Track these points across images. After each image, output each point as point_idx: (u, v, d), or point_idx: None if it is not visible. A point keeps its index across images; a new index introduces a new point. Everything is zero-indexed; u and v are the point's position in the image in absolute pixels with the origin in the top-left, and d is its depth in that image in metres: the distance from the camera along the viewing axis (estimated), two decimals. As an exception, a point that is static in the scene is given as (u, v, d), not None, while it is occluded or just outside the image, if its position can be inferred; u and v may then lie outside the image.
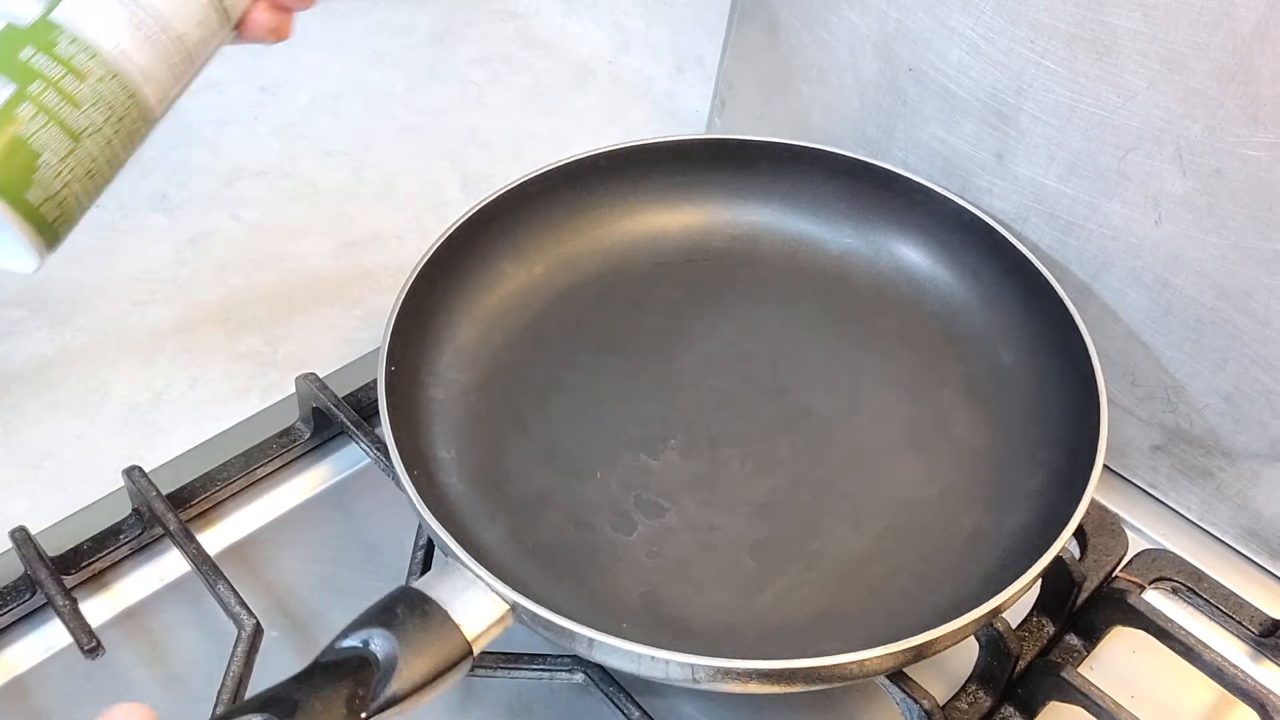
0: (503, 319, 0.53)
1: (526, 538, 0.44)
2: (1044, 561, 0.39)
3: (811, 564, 0.44)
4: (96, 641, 0.42)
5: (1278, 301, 0.45)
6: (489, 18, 0.88)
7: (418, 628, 0.36)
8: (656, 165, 0.56)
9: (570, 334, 0.53)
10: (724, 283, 0.56)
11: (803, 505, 0.47)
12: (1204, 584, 0.48)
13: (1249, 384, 0.47)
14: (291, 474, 0.52)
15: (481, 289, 0.53)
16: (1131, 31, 0.45)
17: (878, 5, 0.54)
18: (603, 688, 0.42)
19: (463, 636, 0.36)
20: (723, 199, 0.58)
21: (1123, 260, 0.49)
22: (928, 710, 0.40)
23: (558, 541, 0.45)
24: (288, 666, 0.45)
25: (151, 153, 0.71)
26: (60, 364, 0.58)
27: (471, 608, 0.37)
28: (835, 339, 0.53)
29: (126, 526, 0.48)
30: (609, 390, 0.51)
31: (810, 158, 0.56)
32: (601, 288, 0.55)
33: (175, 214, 0.67)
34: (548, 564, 0.44)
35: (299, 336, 0.60)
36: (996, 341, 0.52)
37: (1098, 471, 0.42)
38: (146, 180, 0.70)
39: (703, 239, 0.57)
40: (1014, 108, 0.51)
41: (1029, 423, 0.49)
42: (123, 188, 0.69)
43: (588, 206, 0.56)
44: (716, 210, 0.58)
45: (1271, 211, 0.44)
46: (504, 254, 0.54)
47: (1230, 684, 0.42)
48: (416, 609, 0.36)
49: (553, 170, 0.54)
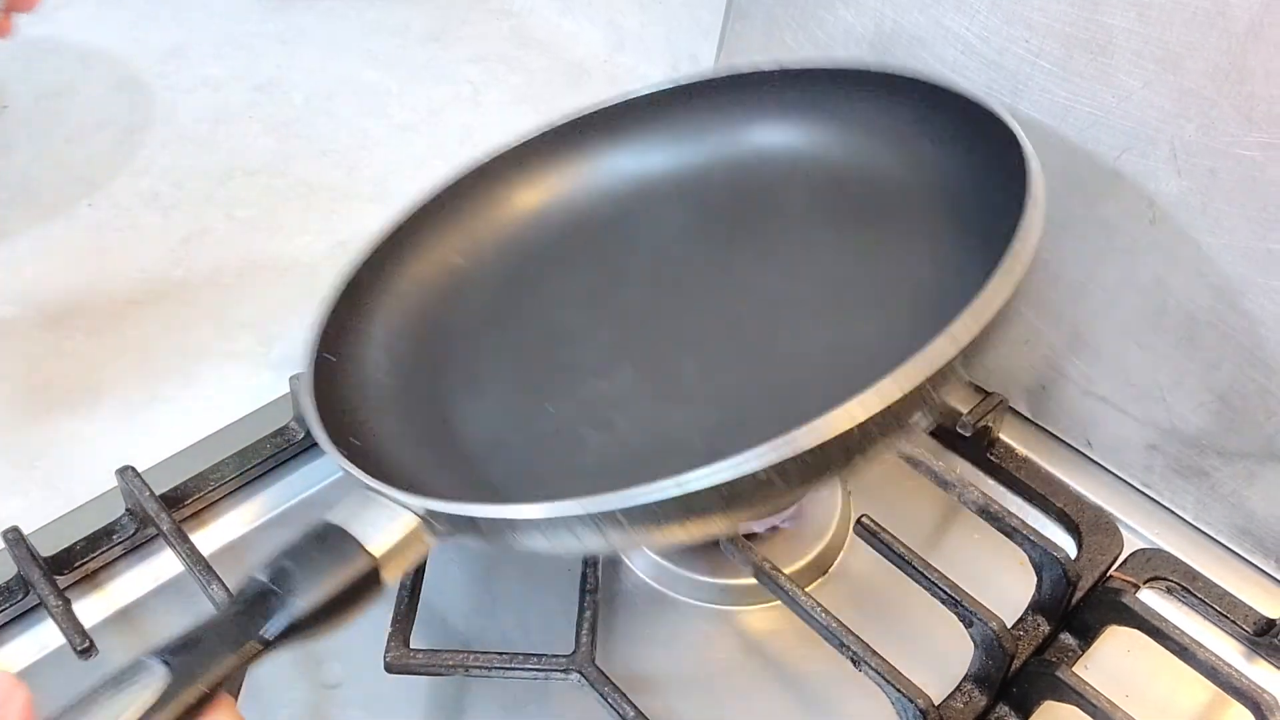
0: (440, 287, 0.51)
1: (477, 477, 0.43)
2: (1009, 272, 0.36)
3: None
4: (90, 642, 0.42)
5: (1272, 301, 0.45)
6: (484, 17, 0.88)
7: (316, 549, 0.35)
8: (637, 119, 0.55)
9: (517, 280, 0.52)
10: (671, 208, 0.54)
11: (755, 387, 0.44)
12: (1199, 583, 0.48)
13: (1243, 383, 0.47)
14: (285, 474, 0.52)
15: (423, 258, 0.51)
16: (1126, 31, 0.45)
17: (873, 4, 0.54)
18: (598, 688, 0.42)
19: (364, 551, 0.35)
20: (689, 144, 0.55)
21: (1117, 260, 0.49)
22: (923, 709, 0.40)
23: (507, 474, 0.43)
24: (280, 668, 0.45)
25: (145, 152, 0.72)
26: (53, 363, 0.58)
27: (373, 524, 0.36)
28: (782, 234, 0.51)
29: (120, 527, 0.48)
30: (560, 327, 0.50)
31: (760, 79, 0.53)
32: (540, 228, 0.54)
33: (169, 213, 0.67)
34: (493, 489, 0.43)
35: (293, 336, 0.60)
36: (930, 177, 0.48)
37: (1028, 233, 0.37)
38: (140, 179, 0.69)
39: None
40: (1009, 107, 0.50)
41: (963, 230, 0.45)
42: (116, 187, 0.69)
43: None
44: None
45: (1265, 211, 0.44)
46: (452, 236, 0.52)
47: (1225, 683, 0.42)
48: (318, 536, 0.36)
49: None
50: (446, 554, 0.45)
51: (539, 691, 0.44)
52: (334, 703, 0.44)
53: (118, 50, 0.80)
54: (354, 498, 0.37)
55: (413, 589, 0.44)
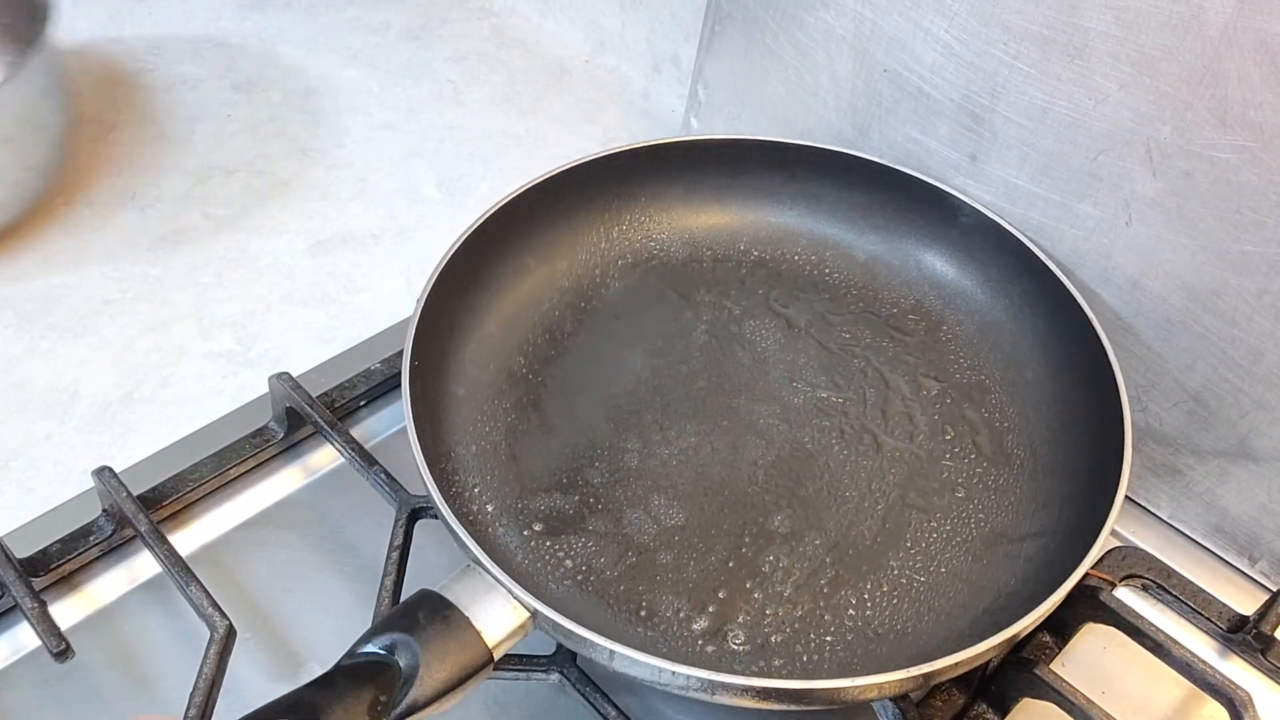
0: (523, 314, 0.52)
1: (544, 540, 0.44)
2: (1063, 591, 0.39)
3: (828, 584, 0.44)
4: (66, 644, 0.41)
5: (1245, 302, 0.46)
6: (465, 16, 0.87)
7: (440, 634, 0.35)
8: (693, 164, 0.56)
9: (595, 330, 0.53)
10: (752, 283, 0.56)
11: (816, 522, 0.46)
12: (1173, 581, 0.49)
13: (1217, 383, 0.48)
14: (264, 474, 0.52)
15: (505, 285, 0.52)
16: (1103, 34, 0.46)
17: (853, 6, 0.54)
18: (579, 688, 0.42)
19: (484, 644, 0.36)
20: (754, 201, 0.57)
21: (1094, 261, 0.50)
22: (902, 708, 0.40)
23: (578, 548, 0.44)
24: (261, 668, 0.44)
25: (123, 150, 0.71)
26: (29, 362, 0.57)
27: (493, 614, 0.36)
28: (862, 347, 0.53)
29: (96, 528, 0.47)
30: (628, 386, 0.50)
31: (841, 163, 0.56)
32: (628, 285, 0.55)
33: (146, 212, 0.67)
34: (565, 569, 0.44)
35: (272, 335, 0.60)
36: (1021, 357, 0.52)
37: (1118, 506, 0.41)
38: (118, 178, 0.69)
39: (731, 239, 0.57)
40: (988, 109, 0.51)
41: (1050, 447, 0.49)
42: (94, 185, 0.68)
43: (622, 201, 0.56)
44: (744, 212, 0.58)
45: (1239, 213, 0.44)
46: (528, 249, 0.53)
47: (1199, 680, 0.42)
48: (438, 614, 0.36)
49: (588, 163, 0.53)
50: (428, 552, 0.45)
51: (520, 691, 0.44)
52: (314, 704, 0.44)
53: (96, 48, 0.79)
54: (474, 580, 0.37)
55: (395, 588, 0.44)
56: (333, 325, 0.60)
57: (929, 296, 0.55)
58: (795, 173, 0.57)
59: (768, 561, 0.45)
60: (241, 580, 0.48)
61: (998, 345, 0.53)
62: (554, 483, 0.46)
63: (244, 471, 0.51)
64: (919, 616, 0.43)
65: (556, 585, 0.43)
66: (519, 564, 0.43)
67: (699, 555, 0.45)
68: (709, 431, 0.49)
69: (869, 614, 0.43)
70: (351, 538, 0.49)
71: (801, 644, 0.42)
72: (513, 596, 0.37)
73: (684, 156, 0.56)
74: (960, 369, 0.53)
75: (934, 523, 0.47)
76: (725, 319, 0.54)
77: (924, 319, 0.55)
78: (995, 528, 0.46)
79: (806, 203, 0.57)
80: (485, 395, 0.49)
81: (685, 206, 0.57)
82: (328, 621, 0.46)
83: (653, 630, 0.42)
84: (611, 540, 0.45)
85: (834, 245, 0.57)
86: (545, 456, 0.47)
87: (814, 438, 0.49)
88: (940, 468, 0.49)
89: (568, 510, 0.45)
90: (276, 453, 0.52)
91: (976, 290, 0.54)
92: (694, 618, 0.43)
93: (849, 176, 0.56)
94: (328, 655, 0.44)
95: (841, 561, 0.45)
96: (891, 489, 0.48)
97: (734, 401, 0.50)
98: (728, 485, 0.47)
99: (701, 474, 0.47)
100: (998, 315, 0.53)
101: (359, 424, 0.54)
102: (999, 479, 0.48)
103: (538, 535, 0.44)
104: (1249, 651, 0.47)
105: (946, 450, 0.49)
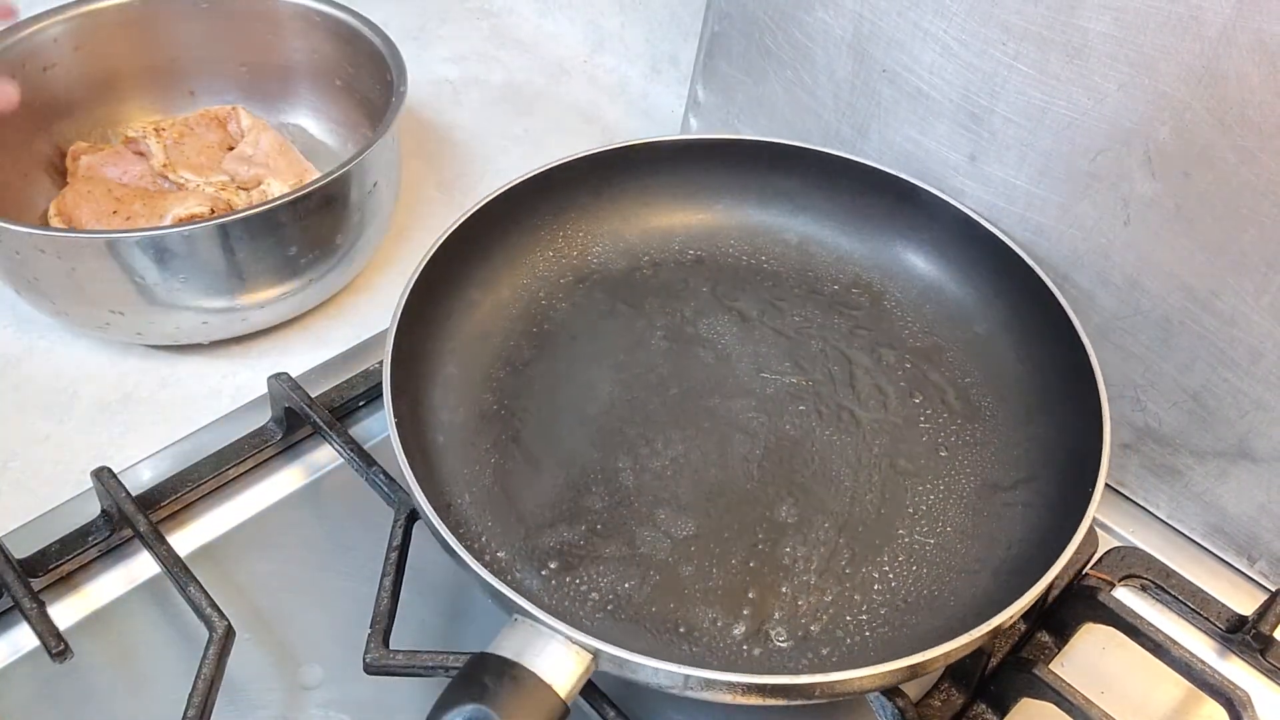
0: (478, 349, 0.51)
1: (563, 577, 0.44)
2: (1044, 582, 0.39)
3: (817, 577, 0.44)
4: (65, 645, 0.41)
5: (1243, 302, 0.46)
6: (464, 16, 0.87)
7: (512, 696, 0.35)
8: (612, 173, 0.56)
9: (554, 354, 0.52)
10: (695, 282, 0.56)
11: (820, 506, 0.46)
12: (1172, 581, 0.49)
13: (1216, 383, 0.48)
14: (263, 475, 0.52)
15: (455, 325, 0.51)
16: (1102, 35, 0.46)
17: (852, 7, 0.54)
18: (579, 692, 0.41)
19: (557, 696, 0.35)
20: (679, 201, 0.58)
21: (1092, 261, 0.50)
22: (901, 707, 0.40)
23: (598, 577, 0.44)
24: (260, 669, 0.44)
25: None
26: (27, 363, 0.57)
27: (556, 664, 0.36)
28: (816, 328, 0.54)
29: (95, 528, 0.47)
30: (602, 405, 0.50)
31: (752, 150, 0.57)
32: (576, 303, 0.54)
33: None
34: (593, 601, 0.43)
35: (272, 336, 0.60)
36: (968, 313, 0.54)
37: (1097, 497, 0.41)
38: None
39: (666, 242, 0.57)
40: (986, 109, 0.51)
41: (1015, 393, 0.50)
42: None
43: (553, 218, 0.56)
44: (673, 214, 0.58)
45: (1238, 213, 0.44)
46: (470, 283, 0.52)
47: (1198, 679, 0.42)
48: (505, 675, 0.35)
49: (512, 188, 0.53)
50: (425, 555, 0.45)
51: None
52: (313, 703, 0.44)
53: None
54: (527, 633, 0.37)
55: (393, 590, 0.44)
56: (332, 327, 0.60)
57: (866, 268, 0.56)
58: (711, 168, 0.57)
59: (785, 553, 0.45)
60: (240, 580, 0.48)
61: (941, 304, 0.54)
62: (556, 516, 0.46)
63: (243, 472, 0.51)
64: (941, 578, 0.44)
65: (590, 620, 0.42)
66: (553, 606, 0.42)
67: (719, 561, 0.44)
68: (694, 436, 0.49)
69: (894, 585, 0.44)
70: (350, 538, 0.49)
71: (841, 629, 0.42)
72: (572, 642, 0.37)
73: (604, 167, 0.56)
74: (912, 334, 0.54)
75: (927, 485, 0.47)
76: (679, 322, 0.54)
77: (865, 291, 0.55)
78: (985, 479, 0.47)
79: (731, 195, 0.58)
80: (464, 439, 0.48)
81: (615, 216, 0.57)
82: (326, 622, 0.46)
83: (697, 646, 0.42)
84: (629, 563, 0.44)
85: (764, 232, 0.58)
86: (540, 491, 0.47)
87: (795, 423, 0.50)
88: (919, 431, 0.49)
89: (577, 541, 0.45)
90: (275, 453, 0.52)
91: (911, 255, 0.56)
92: (732, 624, 0.42)
93: (771, 162, 0.57)
94: (327, 655, 0.45)
95: (854, 540, 0.45)
96: (880, 459, 0.48)
97: (709, 402, 0.50)
98: (727, 485, 0.47)
99: (698, 479, 0.47)
100: (936, 276, 0.55)
101: (358, 424, 0.54)
102: (975, 432, 0.49)
103: (555, 573, 0.44)
104: (1248, 651, 0.47)
105: (919, 413, 0.50)
